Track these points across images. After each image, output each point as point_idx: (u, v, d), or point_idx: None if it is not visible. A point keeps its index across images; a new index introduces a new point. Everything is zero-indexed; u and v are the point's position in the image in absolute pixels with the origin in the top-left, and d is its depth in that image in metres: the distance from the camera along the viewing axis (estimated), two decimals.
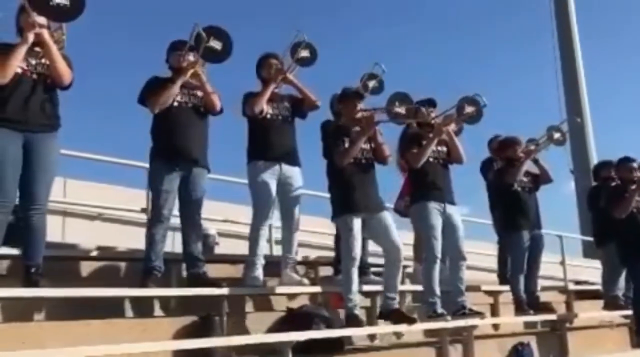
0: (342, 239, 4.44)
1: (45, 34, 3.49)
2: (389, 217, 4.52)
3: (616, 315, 6.45)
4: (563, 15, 17.98)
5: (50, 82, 3.58)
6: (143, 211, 5.69)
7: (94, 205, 6.16)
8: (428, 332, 4.95)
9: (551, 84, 17.88)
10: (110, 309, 3.84)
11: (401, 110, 4.58)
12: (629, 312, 6.01)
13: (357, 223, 4.35)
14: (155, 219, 4.13)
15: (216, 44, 4.15)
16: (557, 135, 5.88)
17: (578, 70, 17.70)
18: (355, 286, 4.32)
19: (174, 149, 4.14)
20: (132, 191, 6.21)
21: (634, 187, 5.81)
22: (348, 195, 4.40)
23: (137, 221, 6.03)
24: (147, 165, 5.45)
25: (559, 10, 18.08)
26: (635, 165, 5.97)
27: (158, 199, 4.12)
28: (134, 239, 5.60)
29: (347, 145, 4.46)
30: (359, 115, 4.56)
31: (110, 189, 6.41)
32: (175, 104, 4.21)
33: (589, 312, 6.59)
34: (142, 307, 4.13)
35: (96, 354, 3.09)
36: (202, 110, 4.32)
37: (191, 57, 4.24)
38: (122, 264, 4.72)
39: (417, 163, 4.82)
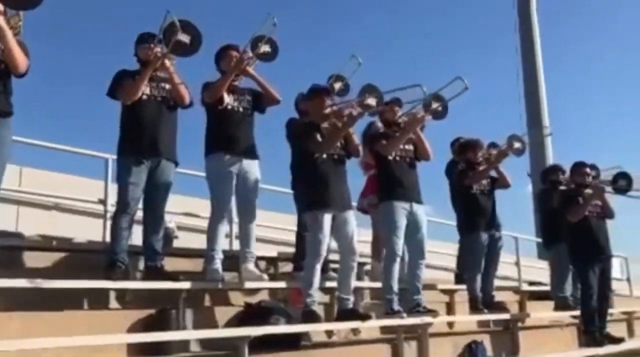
0: (309, 234, 4.44)
1: (1, 19, 3.40)
2: (353, 219, 4.56)
3: (566, 315, 6.65)
4: (526, 20, 18.39)
5: (4, 69, 3.47)
6: (101, 202, 5.61)
7: (51, 194, 6.03)
8: (384, 329, 5.00)
9: (513, 88, 18.29)
10: (64, 301, 3.76)
11: (372, 101, 4.62)
12: (578, 312, 6.20)
13: (327, 219, 4.36)
14: (121, 211, 4.09)
15: (184, 38, 4.12)
16: (517, 145, 5.99)
17: (538, 76, 18.12)
18: (317, 282, 4.35)
19: (143, 143, 4.12)
20: (90, 181, 6.11)
21: (589, 191, 5.97)
22: (320, 190, 4.40)
23: (95, 212, 5.94)
24: (105, 155, 5.43)
25: (521, 13, 18.49)
26: (588, 170, 6.15)
27: (125, 192, 4.08)
28: (91, 230, 5.52)
29: (319, 138, 4.46)
30: (328, 110, 4.57)
31: (67, 178, 6.28)
32: (145, 96, 4.19)
33: (541, 312, 6.77)
34: (98, 300, 4.06)
35: (48, 346, 3.04)
36: (171, 103, 4.31)
37: (159, 49, 4.20)
38: (79, 255, 4.64)
39: (389, 151, 4.88)
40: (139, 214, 4.28)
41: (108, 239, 4.38)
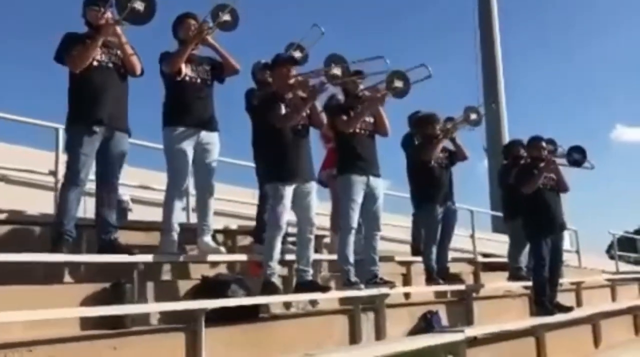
0: (270, 206, 4.41)
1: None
2: (314, 191, 4.54)
3: (518, 286, 6.84)
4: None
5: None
6: (51, 173, 5.43)
7: None
8: (342, 301, 5.04)
9: (470, 66, 18.50)
10: (14, 275, 3.63)
11: (337, 71, 4.56)
12: (530, 283, 6.37)
13: (288, 191, 4.33)
14: (70, 182, 3.94)
15: (139, 5, 3.96)
16: (473, 116, 6.11)
17: (496, 54, 18.40)
18: (277, 254, 4.34)
19: (95, 111, 3.95)
20: (39, 153, 5.91)
21: (542, 164, 6.10)
22: (283, 162, 4.36)
23: (45, 184, 5.75)
24: (55, 125, 5.25)
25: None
26: (544, 144, 6.27)
27: (76, 163, 3.92)
28: (41, 202, 5.36)
29: (283, 110, 4.39)
30: (293, 81, 4.50)
31: (15, 149, 6.06)
32: (95, 63, 4.02)
33: (495, 283, 6.94)
34: (50, 274, 3.95)
35: None
36: (122, 70, 4.15)
37: (110, 14, 4.02)
38: (29, 228, 4.50)
39: (349, 128, 4.85)
40: (92, 187, 4.15)
41: None
